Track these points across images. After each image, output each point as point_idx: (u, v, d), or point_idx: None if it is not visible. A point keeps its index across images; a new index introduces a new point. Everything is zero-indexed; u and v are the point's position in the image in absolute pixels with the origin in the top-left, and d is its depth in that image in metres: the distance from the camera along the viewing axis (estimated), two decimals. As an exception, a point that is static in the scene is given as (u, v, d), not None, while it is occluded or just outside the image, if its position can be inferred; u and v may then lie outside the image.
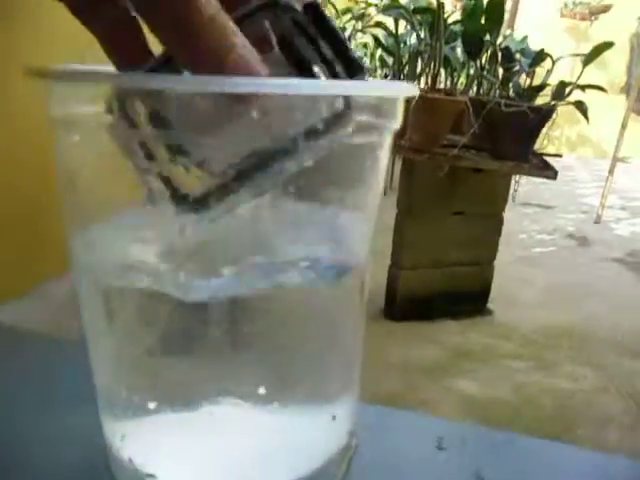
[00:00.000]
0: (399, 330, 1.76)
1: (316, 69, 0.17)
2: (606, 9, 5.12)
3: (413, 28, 1.45)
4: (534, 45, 1.69)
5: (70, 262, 0.21)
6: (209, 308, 0.19)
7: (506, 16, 2.63)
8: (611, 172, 3.34)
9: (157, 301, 0.20)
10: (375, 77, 1.99)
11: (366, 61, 2.11)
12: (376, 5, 2.43)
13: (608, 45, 1.33)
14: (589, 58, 1.34)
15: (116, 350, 0.22)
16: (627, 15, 5.19)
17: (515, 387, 1.53)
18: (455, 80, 1.84)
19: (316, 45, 0.17)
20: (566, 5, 5.28)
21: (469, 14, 1.49)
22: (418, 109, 1.36)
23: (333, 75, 0.17)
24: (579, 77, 1.35)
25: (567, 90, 1.36)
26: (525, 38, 1.91)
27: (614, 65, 4.98)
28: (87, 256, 0.21)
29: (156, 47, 0.18)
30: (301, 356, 0.21)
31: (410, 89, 0.19)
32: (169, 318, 0.20)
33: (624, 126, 3.24)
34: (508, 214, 1.85)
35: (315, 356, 0.22)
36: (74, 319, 0.25)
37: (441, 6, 1.33)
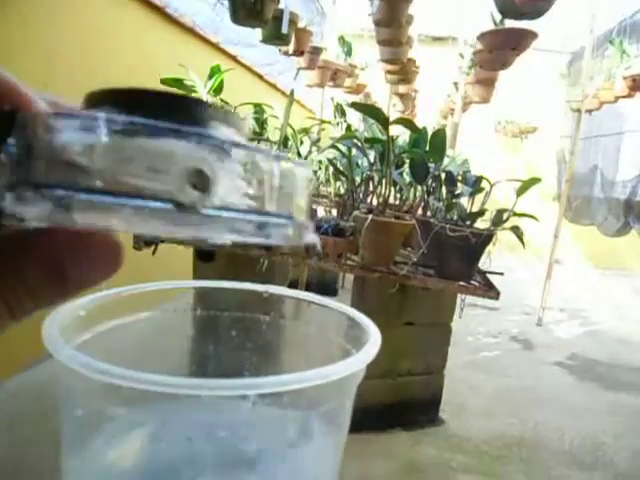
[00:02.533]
0: (352, 442, 1.71)
1: None
2: (533, 130, 5.71)
3: (365, 156, 1.58)
4: (475, 158, 1.86)
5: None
6: None
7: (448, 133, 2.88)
8: (549, 276, 3.55)
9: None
10: (330, 193, 2.11)
11: (320, 175, 2.24)
12: (330, 122, 2.63)
13: (535, 180, 1.50)
14: (520, 191, 1.49)
15: None
16: (552, 134, 5.81)
17: (469, 505, 1.52)
18: (404, 197, 1.98)
19: None
20: (499, 122, 5.86)
21: (414, 144, 1.64)
22: (371, 230, 1.44)
23: None
24: (514, 205, 1.49)
25: (504, 216, 1.49)
26: (466, 161, 2.11)
27: (547, 176, 5.45)
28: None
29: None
30: None
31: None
32: None
33: (556, 235, 3.51)
34: (456, 317, 1.92)
35: None
36: None
37: (390, 138, 1.47)
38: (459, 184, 1.76)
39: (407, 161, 1.77)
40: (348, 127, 1.95)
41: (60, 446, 0.23)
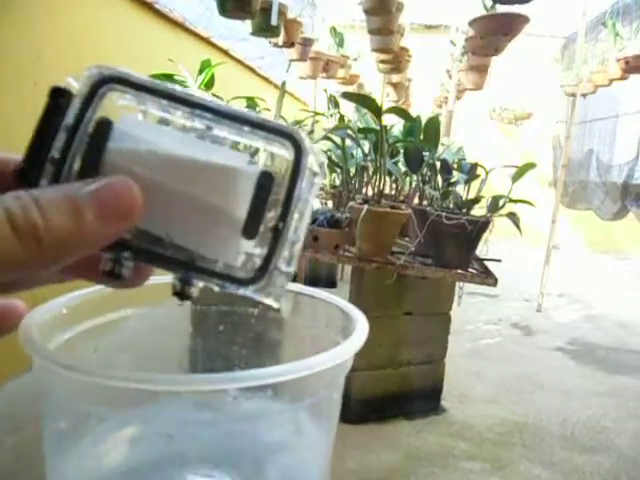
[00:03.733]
0: (355, 434, 1.73)
1: None
2: (528, 116, 5.69)
3: (359, 147, 1.57)
4: (470, 145, 1.85)
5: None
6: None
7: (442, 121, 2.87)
8: (547, 262, 3.56)
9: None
10: (324, 186, 2.10)
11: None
12: (323, 114, 2.62)
13: (531, 165, 1.49)
14: (516, 176, 1.48)
15: None
16: (547, 120, 5.79)
17: (472, 492, 1.52)
18: (399, 187, 1.98)
19: None
20: (494, 110, 5.84)
21: (408, 133, 1.64)
22: (367, 220, 1.44)
23: None
24: (510, 191, 1.49)
25: (500, 203, 1.49)
26: (461, 149, 2.10)
27: (543, 162, 5.45)
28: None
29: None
30: None
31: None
32: None
33: (554, 221, 3.51)
34: (455, 305, 1.92)
35: None
36: None
37: (383, 128, 1.46)
38: (454, 172, 1.76)
39: (401, 150, 1.77)
40: (341, 118, 1.94)
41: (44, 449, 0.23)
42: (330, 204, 1.87)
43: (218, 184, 0.20)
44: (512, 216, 1.49)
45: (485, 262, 1.67)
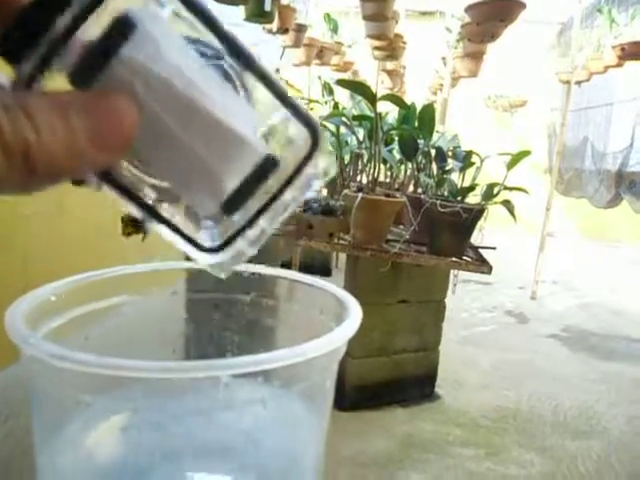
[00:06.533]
0: (349, 420, 1.74)
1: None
2: (523, 104, 5.68)
3: (354, 134, 1.57)
4: (465, 133, 1.84)
5: None
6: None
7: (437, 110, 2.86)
8: (541, 250, 3.57)
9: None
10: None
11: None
12: (318, 101, 2.60)
13: (526, 153, 1.49)
14: (511, 164, 1.48)
15: None
16: (542, 107, 5.78)
17: (467, 478, 1.53)
18: (394, 175, 1.97)
19: None
20: (489, 97, 5.82)
21: (403, 121, 1.63)
22: (361, 208, 1.43)
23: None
24: (505, 179, 1.48)
25: (495, 191, 1.49)
26: (455, 136, 2.09)
27: (538, 149, 5.45)
28: None
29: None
30: None
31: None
32: None
33: (548, 208, 3.52)
34: (450, 293, 1.93)
35: None
36: None
37: (378, 115, 1.45)
38: (449, 159, 1.75)
39: (396, 138, 1.76)
40: (335, 105, 1.92)
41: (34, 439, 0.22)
42: (324, 192, 1.86)
43: (221, 148, 0.18)
44: (507, 204, 1.49)
45: (480, 250, 1.67)
